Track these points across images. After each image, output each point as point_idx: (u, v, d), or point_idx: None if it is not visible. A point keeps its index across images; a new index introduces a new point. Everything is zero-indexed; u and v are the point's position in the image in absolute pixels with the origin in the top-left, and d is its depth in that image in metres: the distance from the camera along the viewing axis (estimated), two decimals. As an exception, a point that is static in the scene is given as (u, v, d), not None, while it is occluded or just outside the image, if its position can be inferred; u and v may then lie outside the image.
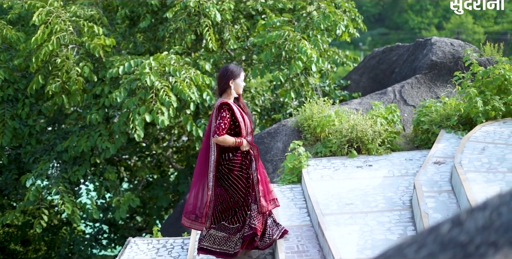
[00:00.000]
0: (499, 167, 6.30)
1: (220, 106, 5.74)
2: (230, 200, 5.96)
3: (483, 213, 1.73)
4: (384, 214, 6.30)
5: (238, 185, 5.92)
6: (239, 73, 5.91)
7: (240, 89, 5.96)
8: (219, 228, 6.04)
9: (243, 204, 5.97)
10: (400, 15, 60.15)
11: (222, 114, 5.70)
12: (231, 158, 5.88)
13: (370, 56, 12.54)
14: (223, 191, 5.93)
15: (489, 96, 8.01)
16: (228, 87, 5.87)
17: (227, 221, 6.01)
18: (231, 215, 6.00)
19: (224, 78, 5.87)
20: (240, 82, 5.91)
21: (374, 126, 8.17)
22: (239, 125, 5.82)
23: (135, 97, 9.47)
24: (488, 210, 1.74)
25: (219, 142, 5.75)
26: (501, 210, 1.71)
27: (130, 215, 13.93)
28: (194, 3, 10.27)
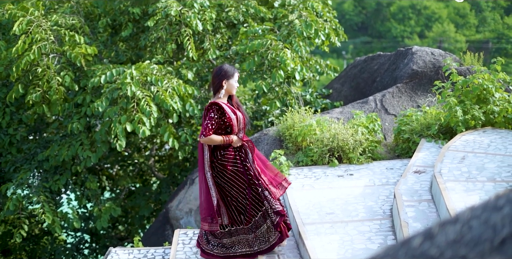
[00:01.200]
0: (478, 177, 6.34)
1: (210, 106, 5.80)
2: (228, 198, 5.97)
3: (454, 227, 1.74)
4: (365, 223, 6.32)
5: (236, 180, 5.94)
6: (233, 73, 5.95)
7: (233, 90, 5.99)
8: (233, 234, 6.11)
9: (245, 199, 5.99)
10: (383, 24, 60.52)
11: (210, 115, 5.75)
12: (222, 154, 5.90)
13: (352, 65, 12.59)
14: (221, 188, 5.96)
15: (469, 105, 8.07)
16: (221, 87, 5.90)
17: (243, 223, 6.05)
18: (243, 213, 6.04)
19: (217, 78, 5.92)
20: (233, 82, 5.95)
21: (355, 135, 8.20)
22: (231, 122, 5.85)
23: (116, 107, 9.44)
24: (459, 223, 1.75)
25: (206, 142, 5.80)
26: (471, 223, 1.72)
27: (112, 225, 13.85)
28: (176, 12, 10.27)
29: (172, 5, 10.33)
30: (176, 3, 10.49)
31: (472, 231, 1.70)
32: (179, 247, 6.90)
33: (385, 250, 1.78)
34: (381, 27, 60.43)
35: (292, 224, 6.66)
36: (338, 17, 12.37)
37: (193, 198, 9.93)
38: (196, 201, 9.80)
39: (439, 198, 6.00)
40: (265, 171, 6.12)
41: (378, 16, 61.60)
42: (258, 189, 5.96)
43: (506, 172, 6.44)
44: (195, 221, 9.63)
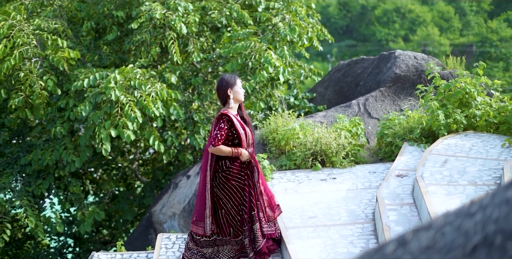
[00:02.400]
0: (459, 180, 6.38)
1: (220, 117, 5.81)
2: (222, 210, 5.97)
3: (427, 233, 1.75)
4: (347, 227, 6.34)
5: (234, 195, 5.95)
6: (234, 81, 5.96)
7: (240, 96, 5.99)
8: (217, 243, 6.10)
9: (239, 215, 5.99)
10: (368, 27, 60.76)
11: (220, 125, 5.76)
12: (228, 167, 5.91)
13: (336, 69, 12.63)
14: (218, 199, 5.96)
15: (451, 109, 8.12)
16: (228, 97, 5.92)
17: (231, 235, 6.06)
18: (233, 228, 6.04)
19: (221, 89, 5.95)
20: (238, 89, 5.96)
21: (338, 139, 8.23)
22: (240, 136, 5.86)
23: (100, 111, 9.41)
24: (432, 230, 1.76)
25: (214, 152, 5.80)
26: (444, 230, 1.73)
27: (96, 229, 13.80)
28: (160, 15, 10.26)
29: (156, 8, 10.32)
30: (160, 6, 10.48)
31: (445, 237, 1.71)
32: (161, 252, 6.88)
33: (359, 257, 1.79)
34: (366, 30, 60.67)
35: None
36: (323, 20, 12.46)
37: (176, 202, 9.91)
38: (180, 205, 9.79)
39: (420, 201, 6.03)
40: (266, 192, 6.14)
41: (362, 19, 61.85)
42: (254, 209, 5.98)
43: (487, 175, 6.48)
44: (179, 225, 9.62)
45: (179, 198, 9.92)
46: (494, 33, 54.83)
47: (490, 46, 54.10)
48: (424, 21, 58.22)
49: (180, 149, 12.12)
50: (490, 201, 1.78)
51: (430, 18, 58.85)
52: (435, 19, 59.07)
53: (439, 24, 58.60)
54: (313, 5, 13.04)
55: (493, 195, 1.81)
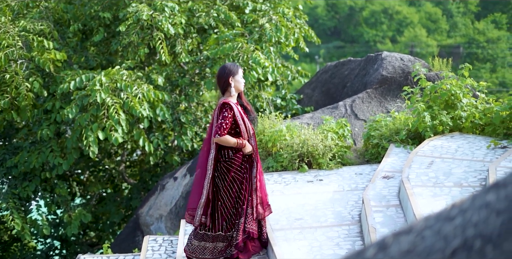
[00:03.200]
0: (445, 182, 6.40)
1: (222, 106, 5.75)
2: (218, 202, 5.94)
3: (408, 237, 1.76)
4: (333, 229, 6.35)
5: (232, 188, 5.90)
6: (237, 70, 5.91)
7: (241, 86, 5.95)
8: (212, 239, 6.04)
9: (233, 208, 5.96)
10: (356, 28, 60.85)
11: (224, 114, 5.70)
12: (231, 157, 5.86)
13: (323, 71, 12.65)
14: (216, 190, 5.92)
15: (437, 111, 8.15)
16: (229, 85, 5.87)
17: (223, 229, 6.01)
18: (226, 221, 6.01)
19: (223, 77, 5.88)
20: (239, 78, 5.91)
21: (325, 140, 8.24)
22: (239, 127, 5.81)
23: (86, 114, 9.38)
24: (412, 234, 1.76)
25: (220, 142, 5.73)
26: (424, 234, 1.74)
27: (83, 231, 13.75)
28: (147, 16, 10.24)
29: (143, 9, 10.30)
30: (147, 7, 10.46)
31: (424, 241, 1.71)
32: (148, 254, 6.87)
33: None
34: (354, 31, 60.76)
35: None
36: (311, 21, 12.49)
37: (163, 204, 9.90)
38: (167, 207, 9.78)
39: (406, 203, 6.05)
40: (262, 189, 6.11)
41: (350, 21, 61.95)
42: (244, 204, 5.95)
43: (472, 177, 6.51)
44: (166, 227, 9.60)
45: (166, 200, 9.90)
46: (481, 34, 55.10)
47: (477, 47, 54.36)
48: (411, 22, 58.41)
49: (167, 151, 12.09)
50: (470, 205, 1.79)
51: (417, 19, 59.05)
52: (423, 21, 59.28)
53: (426, 26, 58.79)
54: (300, 6, 13.06)
55: (473, 198, 1.82)
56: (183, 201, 9.58)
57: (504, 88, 45.37)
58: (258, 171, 6.05)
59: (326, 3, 61.26)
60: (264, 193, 6.16)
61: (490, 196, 1.77)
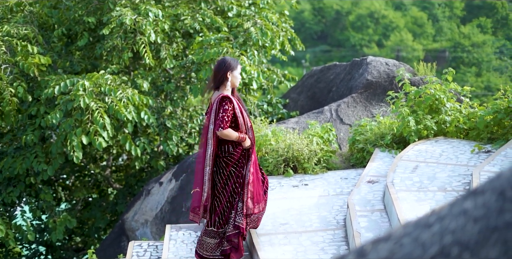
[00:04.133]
0: (429, 186, 6.43)
1: (222, 99, 5.72)
2: (215, 197, 5.94)
3: (386, 245, 1.76)
4: (318, 234, 6.35)
5: (228, 182, 5.90)
6: (236, 65, 5.90)
7: (237, 82, 5.94)
8: (209, 235, 6.03)
9: (228, 202, 5.96)
10: (342, 33, 61.04)
11: (225, 107, 5.67)
12: (231, 152, 5.85)
13: (308, 75, 12.67)
14: (214, 185, 5.93)
15: (421, 115, 8.18)
16: (226, 79, 5.85)
17: (215, 225, 5.99)
18: (219, 217, 5.99)
19: (221, 70, 5.85)
20: (237, 74, 5.90)
21: (310, 145, 8.25)
22: (237, 120, 5.79)
23: (71, 119, 9.35)
24: (391, 241, 1.77)
25: (223, 136, 5.70)
26: (403, 241, 1.74)
27: (68, 236, 13.67)
28: (130, 21, 10.21)
29: (126, 13, 10.27)
30: (131, 11, 10.44)
31: (403, 249, 1.72)
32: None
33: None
34: (340, 35, 60.95)
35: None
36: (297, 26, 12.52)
37: (148, 209, 9.87)
38: (152, 212, 9.75)
39: (391, 208, 6.06)
40: (254, 183, 6.07)
41: (337, 25, 62.14)
42: (235, 198, 5.95)
43: (456, 181, 6.54)
44: (151, 232, 9.57)
45: (152, 205, 9.87)
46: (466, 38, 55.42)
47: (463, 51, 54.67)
48: (397, 26, 58.69)
49: (153, 156, 12.06)
50: (448, 212, 1.79)
51: (403, 23, 59.34)
52: (409, 25, 59.58)
53: (412, 30, 59.08)
54: (286, 12, 13.08)
55: (451, 206, 1.83)
56: (168, 206, 9.56)
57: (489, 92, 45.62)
58: (254, 164, 6.04)
59: (313, 7, 61.42)
60: (257, 188, 6.11)
61: (467, 204, 1.78)
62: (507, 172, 1.82)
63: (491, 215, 1.69)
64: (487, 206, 1.73)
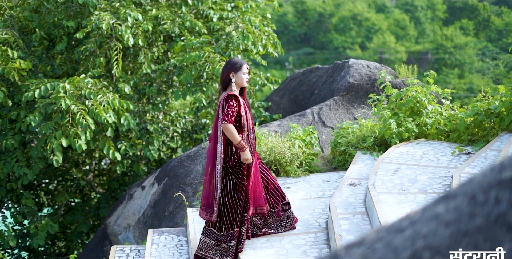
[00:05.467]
0: (410, 188, 6.45)
1: (228, 97, 5.78)
2: (225, 199, 5.94)
3: (359, 249, 1.77)
4: (300, 237, 6.36)
5: (232, 188, 5.93)
6: (240, 65, 5.94)
7: (243, 82, 5.96)
8: (208, 235, 6.04)
9: (233, 209, 5.95)
10: (325, 35, 61.17)
11: (230, 103, 5.74)
12: (233, 154, 5.88)
13: (291, 78, 12.69)
14: (225, 184, 5.94)
15: (403, 117, 8.21)
16: (230, 80, 5.92)
17: (215, 227, 6.00)
18: (221, 218, 5.99)
19: (224, 72, 5.95)
20: (241, 74, 5.93)
21: (292, 148, 8.25)
22: (241, 119, 5.84)
23: (50, 122, 9.30)
24: (363, 246, 1.77)
25: (225, 129, 5.71)
26: (375, 246, 1.75)
27: (51, 241, 13.59)
28: (107, 26, 10.15)
29: (104, 18, 10.22)
30: (109, 15, 10.38)
31: (375, 253, 1.72)
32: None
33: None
34: (324, 38, 61.07)
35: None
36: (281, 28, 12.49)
37: (131, 213, 9.83)
38: (135, 216, 9.72)
39: (372, 210, 6.08)
40: (255, 186, 6.07)
41: (320, 27, 62.27)
42: (240, 204, 5.96)
43: (437, 183, 6.57)
44: (134, 237, 9.54)
45: (134, 209, 9.84)
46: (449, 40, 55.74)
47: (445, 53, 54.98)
48: (380, 29, 58.92)
49: (134, 160, 12.02)
50: (421, 217, 1.80)
51: (386, 26, 59.58)
52: (391, 27, 59.82)
53: (395, 32, 59.32)
54: (268, 15, 13.09)
55: (424, 210, 1.84)
56: (151, 210, 9.53)
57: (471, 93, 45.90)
58: (255, 167, 6.06)
59: (296, 10, 61.51)
60: (258, 191, 6.12)
61: (439, 208, 1.79)
62: (478, 177, 1.83)
63: (462, 219, 1.70)
64: (459, 210, 1.74)
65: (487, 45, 55.68)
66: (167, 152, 12.41)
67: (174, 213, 9.12)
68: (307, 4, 61.71)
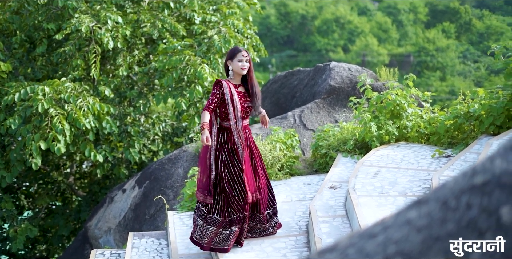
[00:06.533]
0: (390, 191, 6.47)
1: (214, 83, 5.90)
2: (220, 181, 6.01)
3: (331, 255, 1.76)
4: (280, 240, 6.35)
5: (225, 169, 5.98)
6: (235, 54, 5.99)
7: (239, 70, 5.98)
8: (208, 222, 6.05)
9: (230, 194, 5.99)
10: (308, 37, 61.34)
11: (213, 91, 5.86)
12: (221, 140, 5.96)
13: (273, 81, 12.71)
14: (219, 167, 6.01)
15: (383, 120, 8.24)
16: (228, 69, 6.03)
17: (217, 213, 6.03)
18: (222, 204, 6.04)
19: (225, 62, 6.11)
20: (236, 62, 5.97)
21: (273, 151, 8.25)
22: (227, 107, 5.89)
23: (29, 125, 9.24)
24: (336, 252, 1.77)
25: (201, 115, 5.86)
26: (348, 252, 1.75)
27: (32, 244, 13.50)
28: (86, 29, 10.10)
29: (84, 20, 10.17)
30: (89, 18, 10.33)
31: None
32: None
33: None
34: (306, 40, 61.24)
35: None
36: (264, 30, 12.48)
37: (112, 216, 9.79)
38: (115, 220, 9.67)
39: (352, 213, 6.09)
40: (248, 173, 6.07)
41: (303, 29, 62.43)
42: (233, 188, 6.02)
43: (417, 186, 6.59)
44: (114, 240, 9.49)
45: (115, 213, 9.79)
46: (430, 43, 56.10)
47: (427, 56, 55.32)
48: (362, 31, 59.17)
49: (115, 163, 11.96)
50: (393, 222, 1.80)
51: (368, 28, 59.86)
52: (374, 30, 60.12)
53: (377, 35, 59.62)
54: (250, 18, 13.09)
55: (396, 215, 1.84)
56: (131, 213, 9.49)
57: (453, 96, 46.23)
58: (248, 156, 6.09)
59: (279, 12, 61.62)
60: (252, 179, 6.14)
61: (412, 213, 1.79)
62: (450, 182, 1.83)
63: (434, 224, 1.71)
64: (431, 215, 1.74)
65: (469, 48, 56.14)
66: (148, 155, 12.36)
67: (155, 216, 9.09)
68: (290, 7, 61.86)
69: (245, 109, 6.04)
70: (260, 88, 12.70)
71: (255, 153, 6.24)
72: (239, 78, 6.07)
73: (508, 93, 7.64)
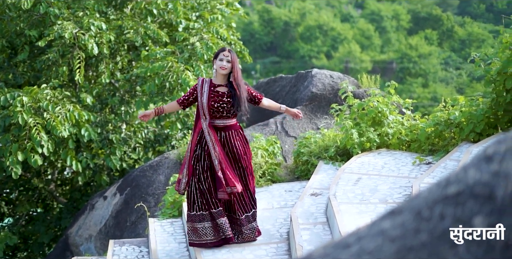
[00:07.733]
0: (371, 199, 6.49)
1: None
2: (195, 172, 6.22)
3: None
4: (261, 247, 6.34)
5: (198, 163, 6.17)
6: (218, 53, 6.15)
7: (219, 69, 6.08)
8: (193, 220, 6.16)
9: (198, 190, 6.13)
10: (291, 44, 61.46)
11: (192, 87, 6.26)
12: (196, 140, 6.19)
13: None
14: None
15: (364, 127, 8.26)
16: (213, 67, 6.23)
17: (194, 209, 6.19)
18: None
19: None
20: (218, 61, 6.09)
21: (255, 158, 8.25)
22: (197, 105, 6.15)
23: (8, 134, 9.18)
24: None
25: None
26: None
27: (12, 252, 13.38)
28: (69, 35, 10.06)
29: (67, 27, 10.12)
30: (73, 25, 10.29)
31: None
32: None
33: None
34: (290, 47, 61.36)
35: (190, 250, 6.63)
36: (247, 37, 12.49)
37: (93, 224, 9.73)
38: (96, 227, 9.62)
39: (333, 220, 6.10)
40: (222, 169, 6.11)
41: (286, 36, 62.56)
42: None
43: (397, 193, 6.62)
44: (95, 248, 9.44)
45: (96, 220, 9.74)
46: (413, 49, 56.44)
47: (409, 62, 55.63)
48: (345, 38, 59.40)
49: (96, 170, 11.90)
50: (367, 232, 1.80)
51: (351, 35, 60.11)
52: (357, 37, 60.38)
53: (360, 41, 59.87)
54: (233, 24, 13.09)
55: (370, 226, 1.84)
56: (113, 220, 9.45)
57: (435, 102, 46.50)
58: (219, 152, 6.14)
59: (262, 18, 61.72)
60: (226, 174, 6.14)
61: (385, 223, 1.79)
62: (424, 192, 1.84)
63: (407, 235, 1.71)
64: (404, 226, 1.74)
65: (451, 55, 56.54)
66: (130, 162, 12.31)
67: (136, 224, 9.05)
68: (273, 13, 61.99)
69: (216, 108, 6.04)
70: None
71: (236, 153, 6.26)
72: (222, 78, 6.16)
73: (488, 101, 7.70)
